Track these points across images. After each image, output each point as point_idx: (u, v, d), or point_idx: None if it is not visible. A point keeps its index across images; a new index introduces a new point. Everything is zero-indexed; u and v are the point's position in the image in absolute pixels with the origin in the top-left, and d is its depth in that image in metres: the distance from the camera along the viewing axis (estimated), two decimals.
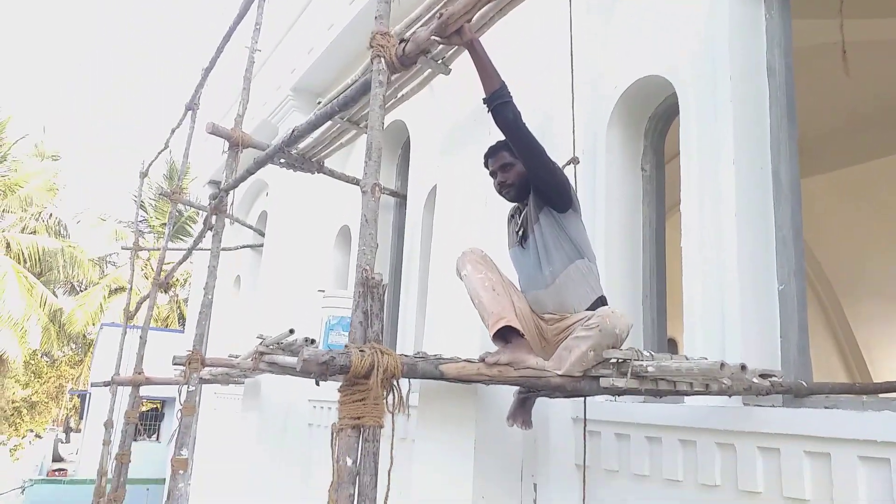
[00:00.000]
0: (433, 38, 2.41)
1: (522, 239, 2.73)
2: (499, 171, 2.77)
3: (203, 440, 8.68)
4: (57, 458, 20.07)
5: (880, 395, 2.66)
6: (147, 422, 18.13)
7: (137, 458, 7.38)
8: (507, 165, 2.74)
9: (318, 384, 3.87)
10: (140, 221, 21.10)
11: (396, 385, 1.89)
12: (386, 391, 1.83)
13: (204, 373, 4.74)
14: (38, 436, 24.23)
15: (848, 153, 6.28)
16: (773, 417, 2.41)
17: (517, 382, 2.46)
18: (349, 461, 1.73)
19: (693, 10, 3.15)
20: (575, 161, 3.27)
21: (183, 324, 18.53)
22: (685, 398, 2.75)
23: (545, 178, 2.62)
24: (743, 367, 2.12)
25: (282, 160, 4.56)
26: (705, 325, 2.79)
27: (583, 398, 2.90)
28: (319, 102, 4.17)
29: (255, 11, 4.67)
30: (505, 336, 2.43)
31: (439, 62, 3.40)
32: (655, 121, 3.59)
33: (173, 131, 7.02)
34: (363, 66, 3.27)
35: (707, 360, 2.19)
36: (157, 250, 7.81)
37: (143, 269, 21.25)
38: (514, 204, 2.86)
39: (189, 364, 4.07)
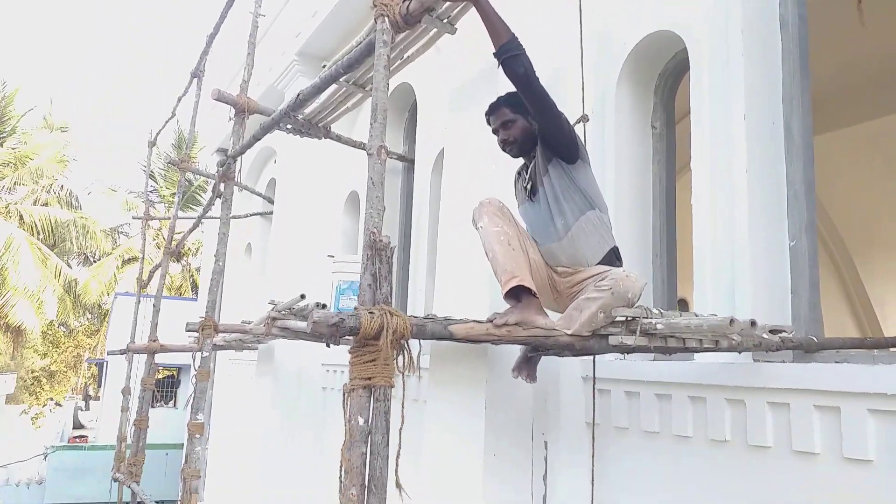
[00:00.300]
0: None
1: (532, 194, 2.70)
2: (500, 128, 2.75)
3: (219, 405, 8.85)
4: (77, 425, 20.46)
5: (891, 349, 2.65)
6: (164, 389, 18.42)
7: (155, 424, 7.55)
8: (508, 122, 2.71)
9: (328, 346, 3.89)
10: (150, 191, 21.08)
11: (406, 345, 1.90)
12: (396, 352, 1.85)
13: (218, 339, 4.80)
14: (58, 404, 24.68)
15: (862, 108, 6.16)
16: (783, 373, 2.40)
17: (526, 342, 2.48)
18: (361, 421, 1.75)
19: None
20: (585, 119, 3.24)
21: (196, 293, 18.70)
22: (695, 355, 2.76)
23: (555, 130, 2.58)
24: (753, 323, 2.11)
25: (288, 126, 4.53)
26: (716, 282, 2.78)
27: (592, 356, 2.92)
28: (324, 66, 4.13)
29: None
30: (517, 294, 2.42)
31: (444, 21, 3.35)
32: (665, 77, 3.53)
33: (179, 99, 7.00)
34: (368, 27, 3.22)
35: (717, 316, 2.18)
36: (168, 219, 7.84)
37: (155, 239, 21.37)
38: (521, 163, 2.84)
39: (202, 330, 4.12)
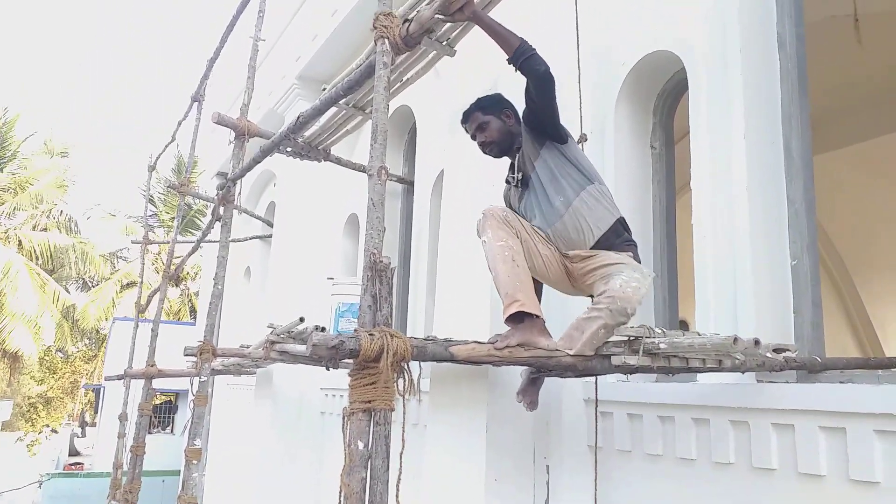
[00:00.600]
0: (437, 16, 2.38)
1: (524, 185, 2.69)
2: (477, 132, 2.78)
3: (216, 431, 8.76)
4: (73, 451, 20.31)
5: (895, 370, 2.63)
6: (161, 414, 18.27)
7: (152, 450, 7.45)
8: (483, 125, 2.75)
9: (328, 369, 3.86)
10: (150, 216, 21.18)
11: (407, 368, 1.88)
12: (396, 374, 1.82)
13: (216, 363, 4.76)
14: (54, 430, 24.50)
15: (861, 128, 6.18)
16: (787, 393, 2.38)
17: (528, 363, 2.44)
18: (361, 445, 1.72)
19: None
20: (584, 139, 3.24)
21: (194, 317, 18.62)
22: (697, 376, 2.73)
23: (551, 111, 2.58)
24: (756, 342, 2.09)
25: (288, 148, 4.53)
26: (718, 302, 2.76)
27: (594, 378, 2.89)
28: (324, 89, 4.14)
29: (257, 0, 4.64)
30: (519, 317, 2.38)
31: (444, 44, 3.36)
32: (664, 97, 3.55)
33: (180, 123, 7.02)
34: (368, 49, 3.23)
35: (719, 335, 2.16)
36: (167, 244, 7.83)
37: (154, 263, 21.35)
38: (509, 183, 2.82)
39: (200, 354, 4.09)
